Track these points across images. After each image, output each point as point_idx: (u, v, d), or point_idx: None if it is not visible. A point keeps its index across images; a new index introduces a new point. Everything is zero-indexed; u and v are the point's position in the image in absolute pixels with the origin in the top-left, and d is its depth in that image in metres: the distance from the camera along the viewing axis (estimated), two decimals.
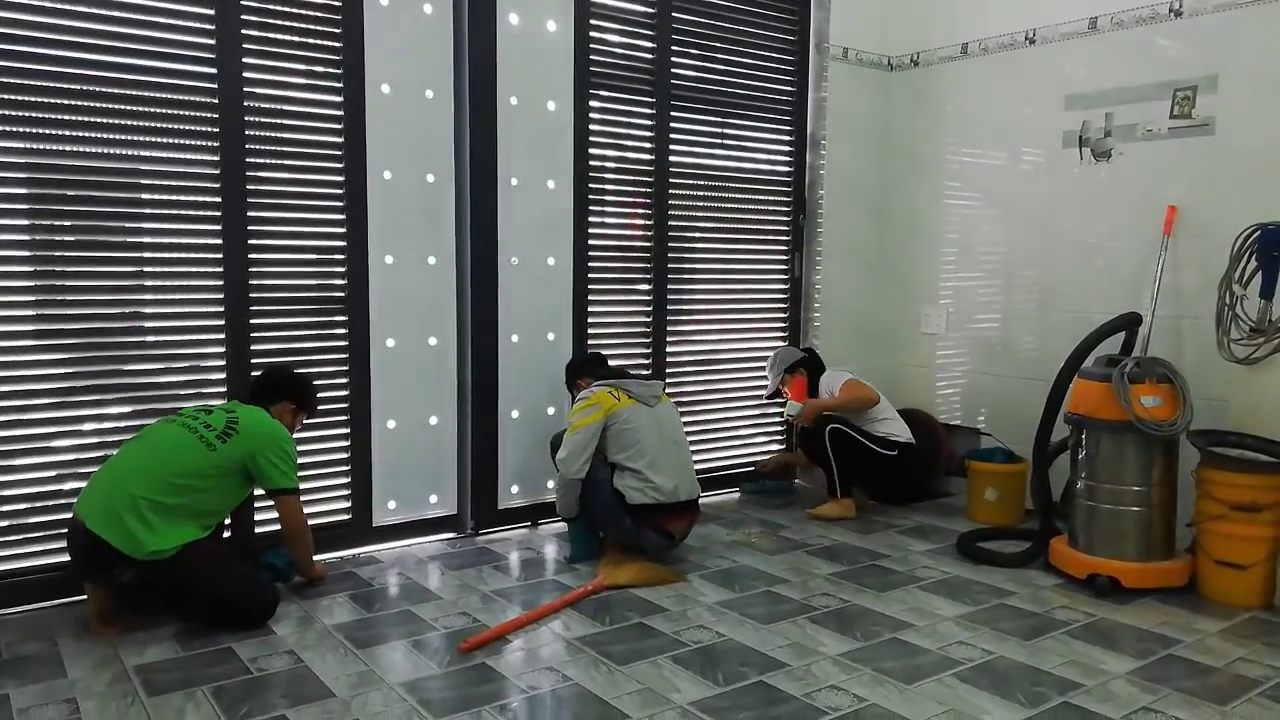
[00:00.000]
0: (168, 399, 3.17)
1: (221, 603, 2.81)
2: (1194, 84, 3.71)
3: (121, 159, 3.05)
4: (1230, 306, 3.37)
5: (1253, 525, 3.10)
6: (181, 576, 2.74)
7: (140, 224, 3.11)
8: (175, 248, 3.17)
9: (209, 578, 2.79)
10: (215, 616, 2.81)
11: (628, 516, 3.39)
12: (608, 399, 3.47)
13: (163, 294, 3.16)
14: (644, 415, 3.49)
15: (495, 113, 3.72)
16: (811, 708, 2.36)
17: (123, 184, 3.07)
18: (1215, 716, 2.35)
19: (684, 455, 3.59)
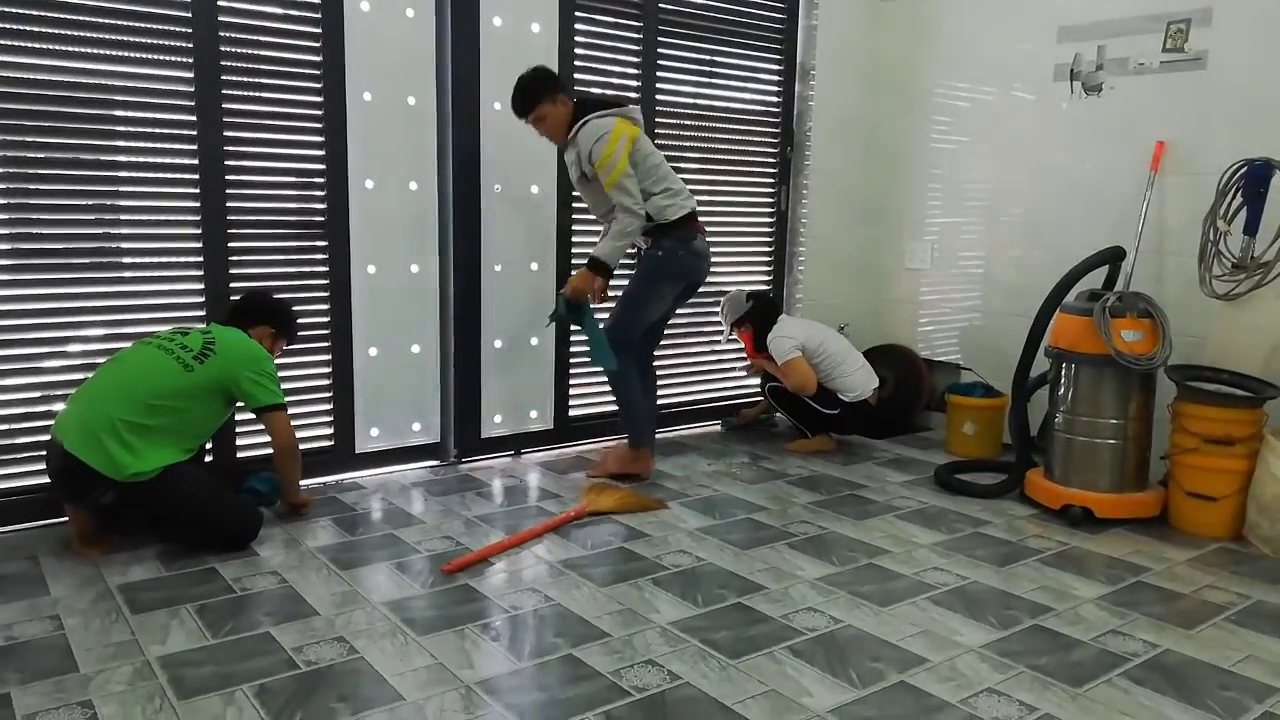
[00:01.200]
0: (146, 322, 3.13)
1: (205, 524, 2.82)
2: (1188, 16, 3.66)
3: (93, 74, 2.96)
4: (1214, 243, 3.38)
5: (1225, 458, 3.15)
6: (164, 498, 2.74)
7: (113, 141, 3.03)
8: (150, 167, 3.10)
9: (192, 499, 2.80)
10: (199, 538, 2.83)
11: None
12: (628, 126, 3.42)
13: (139, 214, 3.10)
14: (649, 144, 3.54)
15: (478, 34, 3.63)
16: (788, 628, 2.41)
17: (94, 100, 2.98)
18: (1181, 639, 2.41)
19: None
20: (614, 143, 3.34)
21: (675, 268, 3.58)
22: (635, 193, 3.38)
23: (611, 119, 3.39)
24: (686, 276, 3.64)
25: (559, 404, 4.10)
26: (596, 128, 3.36)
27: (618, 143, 3.34)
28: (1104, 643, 2.38)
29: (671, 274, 3.59)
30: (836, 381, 4.08)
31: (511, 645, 2.28)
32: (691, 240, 3.56)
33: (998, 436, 4.16)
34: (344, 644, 2.25)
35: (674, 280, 3.62)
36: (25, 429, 2.99)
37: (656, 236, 3.54)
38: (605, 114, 3.42)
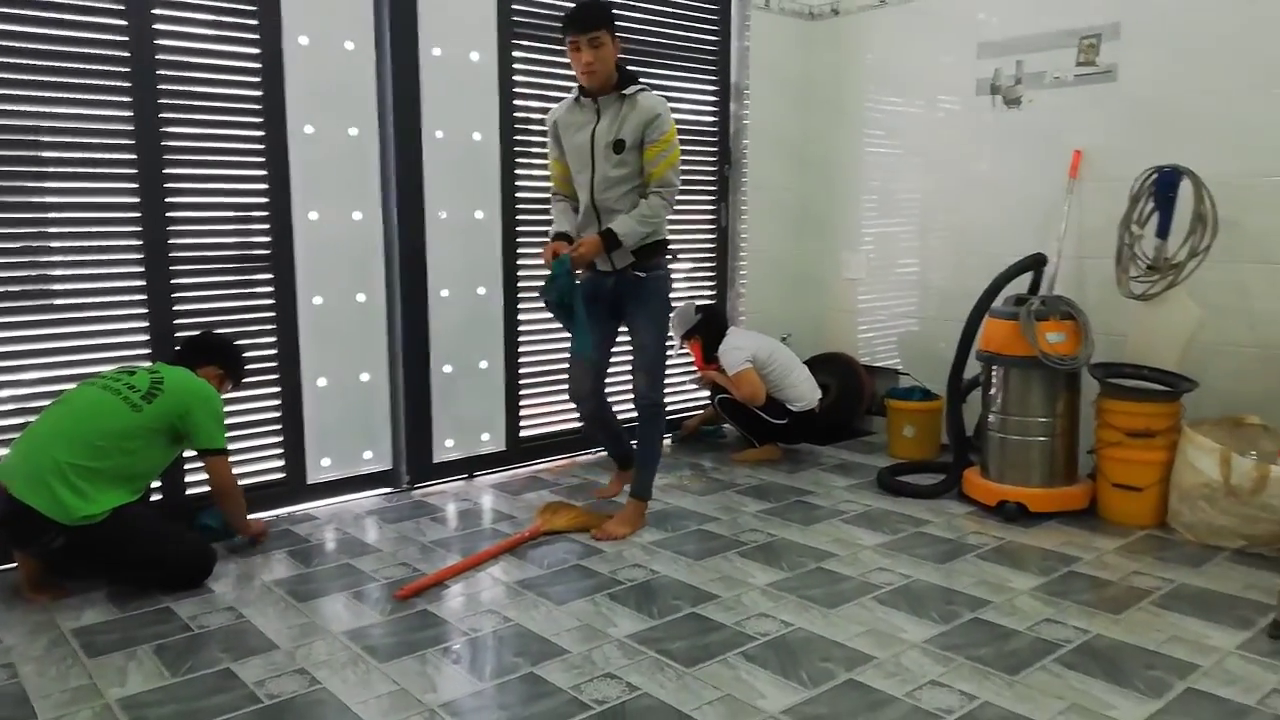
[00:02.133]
0: (90, 362, 3.12)
1: (157, 564, 2.81)
2: (1098, 32, 3.86)
3: (24, 115, 2.95)
4: (1129, 246, 3.56)
5: (1147, 450, 3.32)
6: (114, 540, 2.73)
7: (44, 183, 3.01)
8: (89, 206, 3.09)
9: (144, 540, 2.79)
10: (152, 578, 2.82)
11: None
12: None
13: (78, 254, 3.09)
14: None
15: (418, 64, 3.69)
16: (742, 634, 2.49)
17: (24, 141, 2.97)
18: (1110, 624, 2.55)
19: None
20: (674, 125, 3.12)
21: (670, 290, 3.35)
22: (679, 186, 3.16)
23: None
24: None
25: (510, 425, 4.14)
26: (663, 100, 3.11)
27: (675, 128, 3.13)
28: (1038, 631, 2.51)
29: (669, 297, 3.34)
30: (785, 392, 4.19)
31: (472, 667, 2.33)
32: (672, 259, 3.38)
33: (936, 438, 4.31)
34: (305, 675, 2.28)
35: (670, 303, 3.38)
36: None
37: (655, 255, 3.22)
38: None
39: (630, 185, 3.11)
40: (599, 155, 3.11)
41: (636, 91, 3.08)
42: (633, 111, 3.05)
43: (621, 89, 3.09)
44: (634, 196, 3.12)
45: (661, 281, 3.26)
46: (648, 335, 3.25)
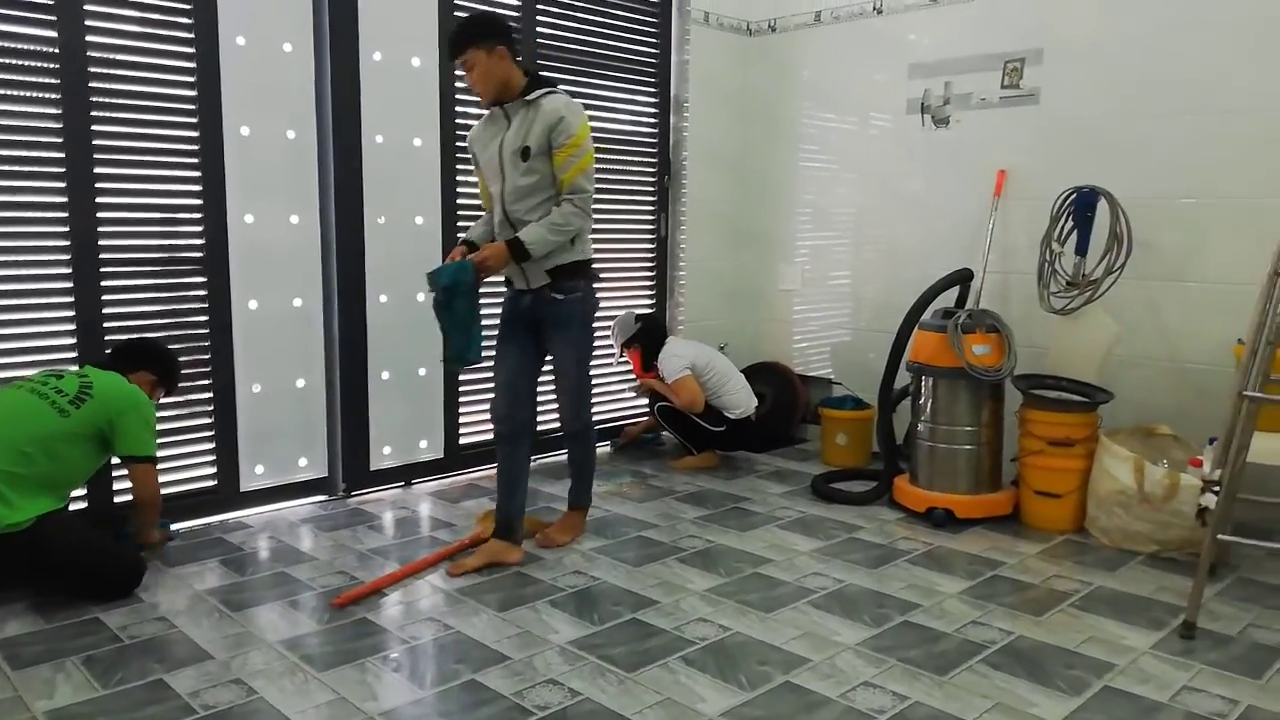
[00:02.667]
0: (12, 366, 3.02)
1: (85, 572, 2.73)
2: (1022, 56, 4.03)
3: None
4: (1050, 263, 3.72)
5: (1067, 459, 3.47)
6: (41, 547, 2.65)
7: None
8: (14, 205, 3.00)
9: (71, 548, 2.71)
10: (79, 587, 2.74)
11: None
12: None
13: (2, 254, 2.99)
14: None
15: (358, 68, 3.66)
16: (681, 639, 2.53)
17: None
18: (1032, 625, 2.66)
19: None
20: (587, 128, 2.96)
21: (591, 311, 3.18)
22: (592, 193, 2.99)
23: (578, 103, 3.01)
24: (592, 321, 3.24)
25: (449, 432, 4.13)
26: (572, 102, 2.96)
27: (588, 133, 2.96)
28: (965, 633, 2.60)
29: (591, 319, 3.20)
30: (723, 399, 4.26)
31: (413, 675, 2.33)
32: (593, 278, 3.18)
33: (868, 446, 4.43)
34: (242, 685, 2.25)
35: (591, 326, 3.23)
36: None
37: (574, 276, 3.07)
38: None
39: (543, 195, 2.96)
40: (507, 165, 2.97)
41: (541, 95, 2.93)
42: (538, 116, 2.90)
43: (527, 95, 2.95)
44: (548, 207, 2.96)
45: (578, 304, 3.09)
46: (566, 360, 3.13)
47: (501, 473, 3.13)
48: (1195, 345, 3.59)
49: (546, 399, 3.67)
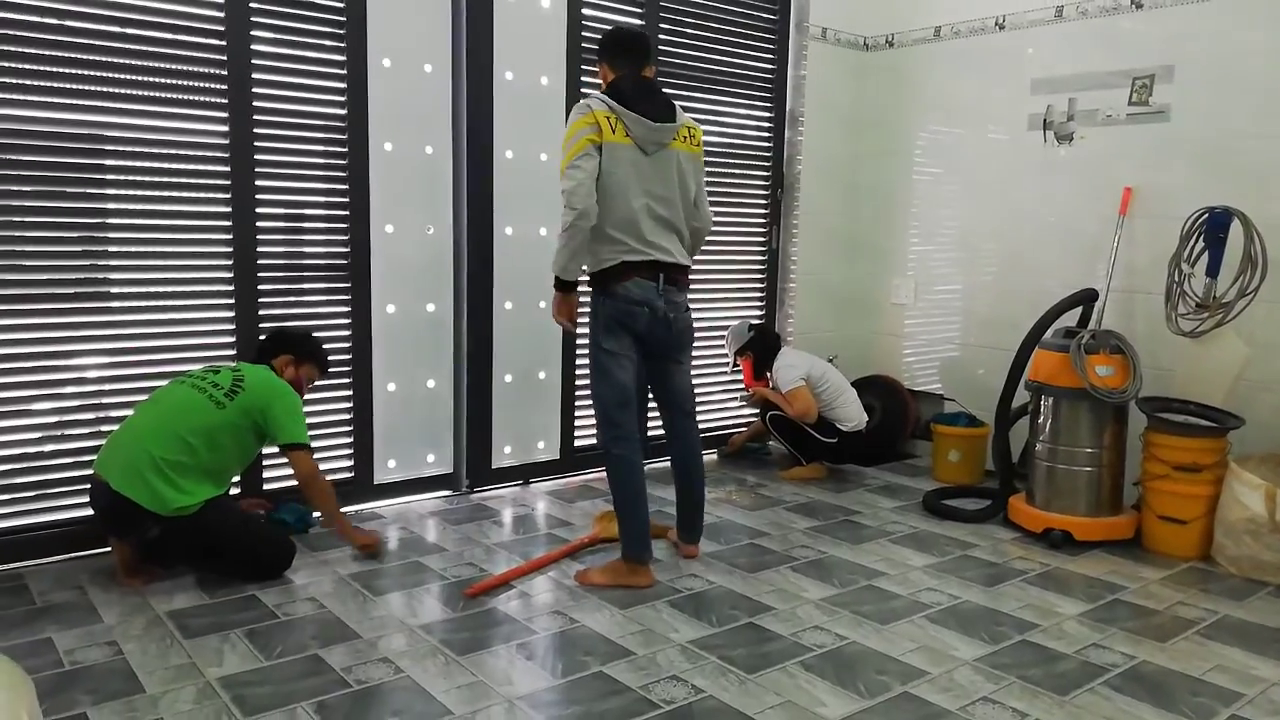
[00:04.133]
0: (184, 360, 3.29)
1: (244, 554, 2.97)
2: (1151, 73, 3.95)
3: (134, 129, 3.15)
4: (1179, 283, 3.64)
5: (1193, 484, 3.39)
6: (205, 530, 2.90)
7: (150, 191, 3.20)
8: (185, 215, 3.27)
9: (232, 530, 2.96)
10: (236, 567, 2.98)
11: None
12: (605, 124, 2.83)
13: (174, 259, 3.27)
14: (630, 163, 2.87)
15: (491, 86, 3.85)
16: (799, 645, 2.60)
17: (139, 153, 3.16)
18: (1156, 651, 2.64)
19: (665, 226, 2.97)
20: (576, 121, 2.84)
21: (603, 317, 2.98)
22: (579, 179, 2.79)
23: (599, 104, 2.86)
24: (623, 326, 2.96)
25: (564, 435, 4.28)
26: (580, 104, 2.91)
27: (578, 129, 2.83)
28: (1086, 655, 2.60)
29: (603, 325, 2.98)
30: (836, 411, 4.30)
31: (544, 663, 2.46)
32: (618, 284, 2.92)
33: (981, 463, 4.40)
34: (389, 664, 2.42)
35: (610, 333, 2.98)
36: (60, 464, 3.14)
37: (593, 288, 3.01)
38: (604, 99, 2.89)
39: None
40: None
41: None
42: None
43: None
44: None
45: (593, 313, 3.00)
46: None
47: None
48: None
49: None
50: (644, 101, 2.90)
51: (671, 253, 2.99)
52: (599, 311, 3.00)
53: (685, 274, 3.08)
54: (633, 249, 2.91)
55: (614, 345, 2.99)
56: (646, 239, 2.93)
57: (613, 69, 3.02)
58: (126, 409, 3.18)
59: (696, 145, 3.07)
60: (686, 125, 3.03)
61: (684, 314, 3.10)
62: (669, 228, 3.00)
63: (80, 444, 3.16)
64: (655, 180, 2.94)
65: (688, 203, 3.05)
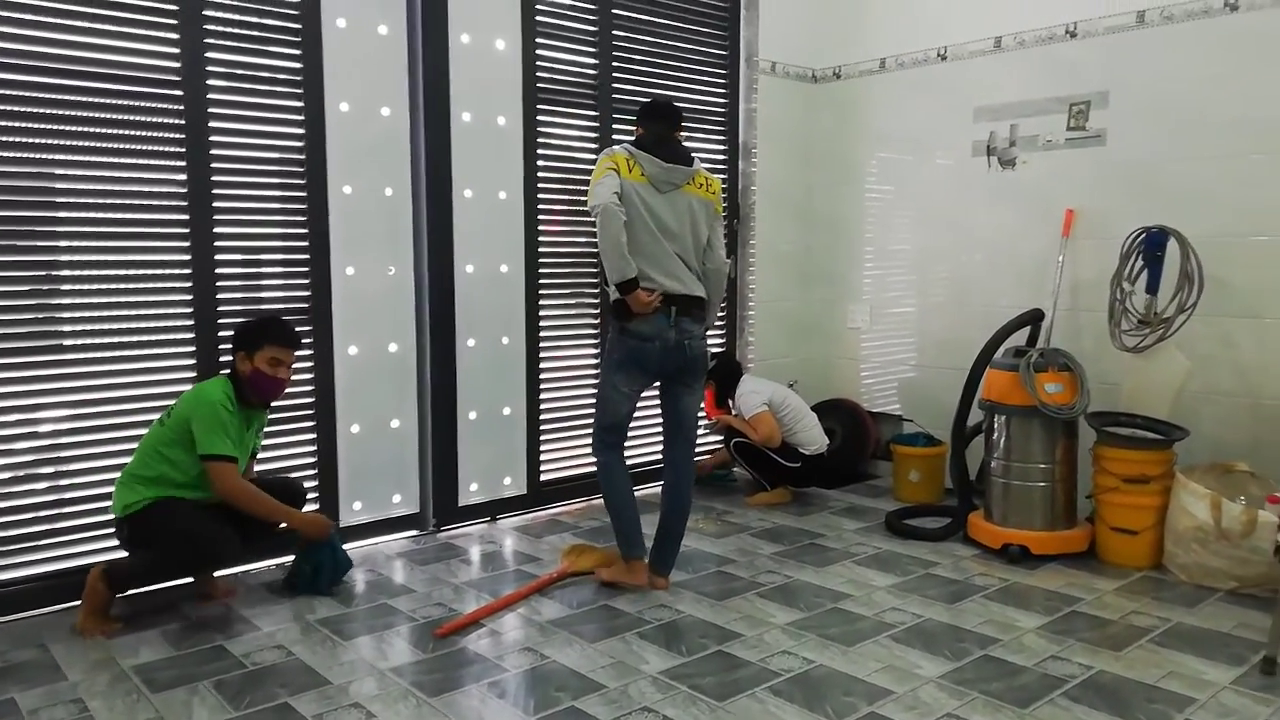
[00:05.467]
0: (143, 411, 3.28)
1: (186, 540, 3.00)
2: (1088, 99, 4.11)
3: (95, 180, 3.16)
4: (1120, 301, 3.77)
5: (1143, 495, 3.50)
6: (151, 521, 3.02)
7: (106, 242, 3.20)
8: (143, 264, 3.27)
9: (174, 519, 3.03)
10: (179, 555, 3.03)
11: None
12: (621, 164, 3.13)
13: (131, 309, 3.26)
14: (645, 200, 3.13)
15: (449, 127, 3.90)
16: (767, 670, 2.64)
17: (93, 204, 3.16)
18: (1112, 660, 2.71)
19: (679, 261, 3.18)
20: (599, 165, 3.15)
21: (617, 354, 3.22)
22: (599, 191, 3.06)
23: (620, 150, 3.18)
24: (635, 363, 3.19)
25: (530, 469, 4.30)
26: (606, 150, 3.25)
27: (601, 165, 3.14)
28: (1045, 667, 2.67)
29: (616, 361, 3.23)
30: (798, 435, 4.38)
31: (516, 701, 2.48)
32: (631, 321, 3.14)
33: (940, 482, 4.49)
34: (361, 709, 2.42)
35: (620, 369, 3.21)
36: (20, 520, 3.10)
37: (611, 313, 3.27)
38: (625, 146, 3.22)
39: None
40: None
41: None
42: None
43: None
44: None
45: (609, 343, 3.30)
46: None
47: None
48: (1272, 381, 3.61)
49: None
50: (660, 149, 3.21)
51: (684, 283, 3.20)
52: (614, 346, 3.24)
53: (699, 305, 3.27)
54: (646, 278, 3.12)
55: (621, 381, 3.24)
56: (660, 272, 3.14)
57: (643, 128, 3.31)
58: (86, 461, 3.17)
59: (712, 194, 3.31)
60: (702, 174, 3.29)
61: (698, 342, 3.28)
62: (681, 261, 3.21)
63: (39, 499, 3.12)
64: (668, 217, 3.17)
65: (699, 243, 3.27)
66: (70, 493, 3.18)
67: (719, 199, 3.35)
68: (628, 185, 3.10)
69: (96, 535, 3.22)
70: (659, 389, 3.35)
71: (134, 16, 3.18)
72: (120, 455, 3.23)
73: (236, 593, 3.24)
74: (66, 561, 3.17)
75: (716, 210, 3.33)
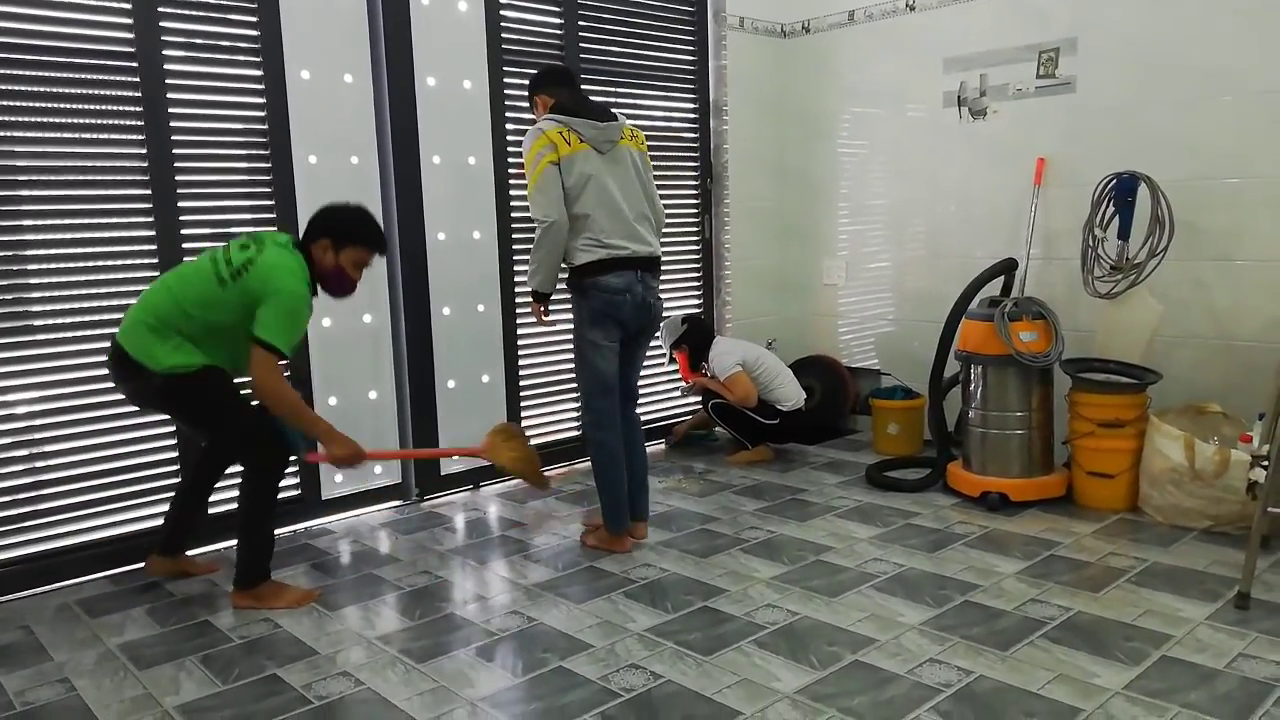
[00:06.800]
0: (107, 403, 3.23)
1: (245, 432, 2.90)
2: (1056, 46, 4.10)
3: (57, 157, 3.09)
4: (1093, 248, 3.79)
5: (1118, 439, 3.55)
6: (204, 395, 2.84)
7: (70, 220, 3.14)
8: (108, 241, 3.22)
9: (232, 407, 2.89)
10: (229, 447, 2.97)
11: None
12: (559, 141, 3.09)
13: (99, 288, 3.21)
14: (592, 166, 3.11)
15: (414, 93, 3.84)
16: (752, 624, 2.67)
17: (55, 181, 3.10)
18: (1090, 601, 2.76)
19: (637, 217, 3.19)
20: (532, 149, 3.09)
21: (586, 310, 3.20)
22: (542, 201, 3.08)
23: (549, 124, 3.12)
24: (607, 316, 3.18)
25: None
26: (532, 129, 3.15)
27: (535, 152, 3.08)
28: (1025, 610, 2.71)
29: (587, 318, 3.20)
30: (774, 393, 4.39)
31: (505, 663, 2.49)
32: (600, 277, 3.14)
33: (919, 434, 4.53)
34: (349, 678, 2.43)
35: (595, 324, 3.19)
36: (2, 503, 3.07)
37: (571, 282, 3.25)
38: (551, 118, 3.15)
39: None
40: None
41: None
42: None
43: None
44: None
45: (575, 306, 3.25)
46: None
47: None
48: (1244, 323, 3.65)
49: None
50: (584, 109, 3.18)
51: (648, 242, 3.24)
52: (582, 305, 3.22)
53: (659, 264, 3.31)
54: (609, 245, 3.14)
55: (598, 336, 3.21)
56: (622, 234, 3.17)
57: (551, 96, 3.27)
58: (61, 443, 3.14)
59: (642, 144, 3.31)
60: (628, 126, 3.27)
61: (659, 301, 3.32)
62: (640, 219, 3.23)
63: (15, 481, 3.09)
64: (616, 179, 3.17)
65: (650, 194, 3.30)
66: (47, 474, 3.14)
67: (646, 147, 3.34)
68: (570, 160, 3.07)
69: (76, 516, 3.20)
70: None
71: None
72: (95, 435, 3.20)
73: (219, 568, 3.22)
74: (46, 544, 3.15)
75: (648, 160, 3.33)
